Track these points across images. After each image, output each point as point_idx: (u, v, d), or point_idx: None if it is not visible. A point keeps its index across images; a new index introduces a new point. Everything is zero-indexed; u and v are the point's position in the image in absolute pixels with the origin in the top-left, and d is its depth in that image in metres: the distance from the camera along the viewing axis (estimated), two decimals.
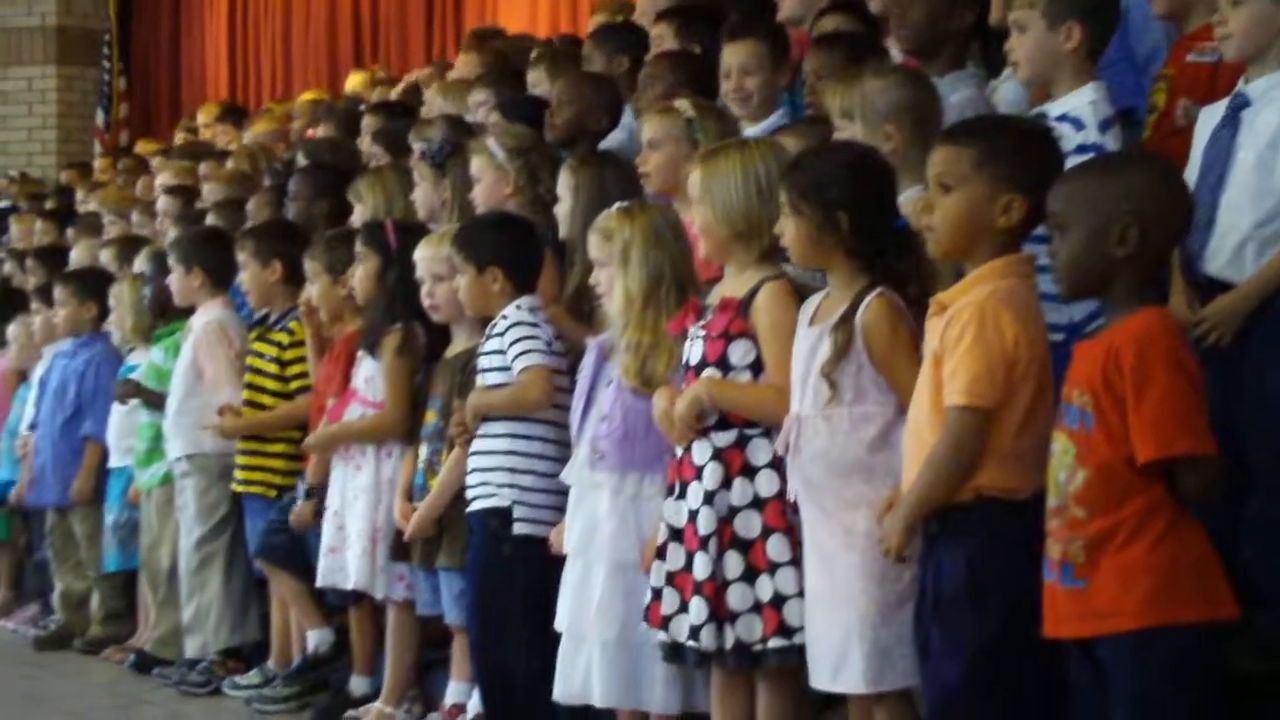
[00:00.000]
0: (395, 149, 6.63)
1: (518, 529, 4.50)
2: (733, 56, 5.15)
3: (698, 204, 3.94)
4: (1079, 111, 3.85)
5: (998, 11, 4.79)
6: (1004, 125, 3.48)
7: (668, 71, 5.48)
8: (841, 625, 3.52)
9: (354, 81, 10.08)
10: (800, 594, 3.70)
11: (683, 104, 4.72)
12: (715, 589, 3.79)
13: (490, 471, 4.57)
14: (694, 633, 3.83)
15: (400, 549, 5.07)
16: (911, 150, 3.87)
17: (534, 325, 4.58)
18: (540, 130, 5.63)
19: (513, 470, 4.54)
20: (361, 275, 5.33)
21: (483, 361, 4.65)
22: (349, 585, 5.23)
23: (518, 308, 4.62)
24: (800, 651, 3.68)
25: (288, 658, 5.85)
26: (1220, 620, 2.83)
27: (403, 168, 6.06)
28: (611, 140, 5.73)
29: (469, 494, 4.63)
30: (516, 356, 4.54)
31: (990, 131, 3.28)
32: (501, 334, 4.59)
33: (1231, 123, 3.74)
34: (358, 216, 5.95)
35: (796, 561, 3.73)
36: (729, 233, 3.88)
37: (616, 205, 4.28)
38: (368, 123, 7.39)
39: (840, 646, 3.52)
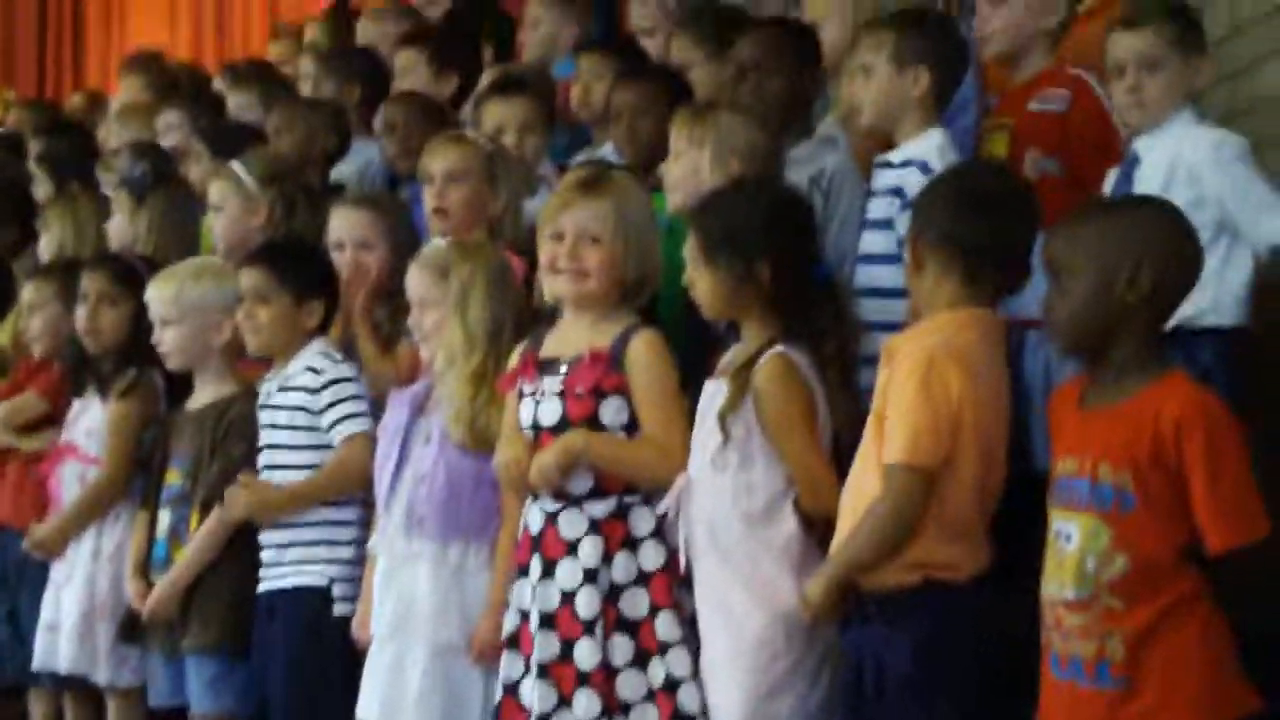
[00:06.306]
0: (62, 175, 6.23)
1: (339, 610, 3.90)
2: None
3: (597, 239, 3.38)
4: (926, 155, 3.71)
5: None
6: None
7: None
8: (716, 708, 3.21)
9: None
10: (693, 676, 3.31)
11: (481, 137, 4.28)
12: (604, 678, 3.35)
13: (310, 546, 3.95)
14: None
15: (131, 631, 4.38)
16: None
17: (352, 381, 3.99)
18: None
19: (333, 543, 3.94)
20: (115, 316, 4.64)
21: (273, 416, 4.02)
22: (62, 669, 4.53)
23: (325, 356, 4.02)
24: None
25: None
26: (1253, 713, 2.58)
27: (93, 195, 5.68)
28: (341, 172, 5.32)
29: (274, 570, 3.98)
30: (338, 421, 3.95)
31: None
32: (315, 391, 3.98)
33: (1126, 183, 3.57)
34: (45, 247, 5.54)
35: (686, 640, 3.34)
36: (634, 276, 3.41)
37: (447, 239, 3.80)
38: (32, 146, 6.84)
39: None
